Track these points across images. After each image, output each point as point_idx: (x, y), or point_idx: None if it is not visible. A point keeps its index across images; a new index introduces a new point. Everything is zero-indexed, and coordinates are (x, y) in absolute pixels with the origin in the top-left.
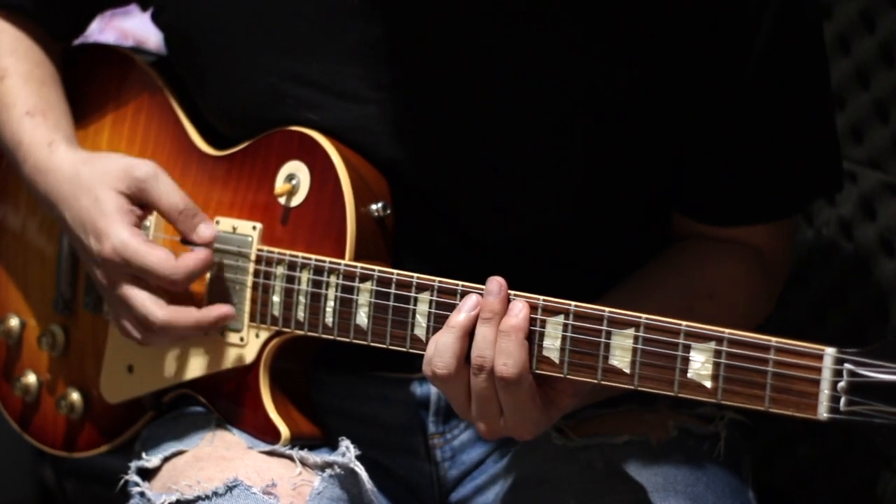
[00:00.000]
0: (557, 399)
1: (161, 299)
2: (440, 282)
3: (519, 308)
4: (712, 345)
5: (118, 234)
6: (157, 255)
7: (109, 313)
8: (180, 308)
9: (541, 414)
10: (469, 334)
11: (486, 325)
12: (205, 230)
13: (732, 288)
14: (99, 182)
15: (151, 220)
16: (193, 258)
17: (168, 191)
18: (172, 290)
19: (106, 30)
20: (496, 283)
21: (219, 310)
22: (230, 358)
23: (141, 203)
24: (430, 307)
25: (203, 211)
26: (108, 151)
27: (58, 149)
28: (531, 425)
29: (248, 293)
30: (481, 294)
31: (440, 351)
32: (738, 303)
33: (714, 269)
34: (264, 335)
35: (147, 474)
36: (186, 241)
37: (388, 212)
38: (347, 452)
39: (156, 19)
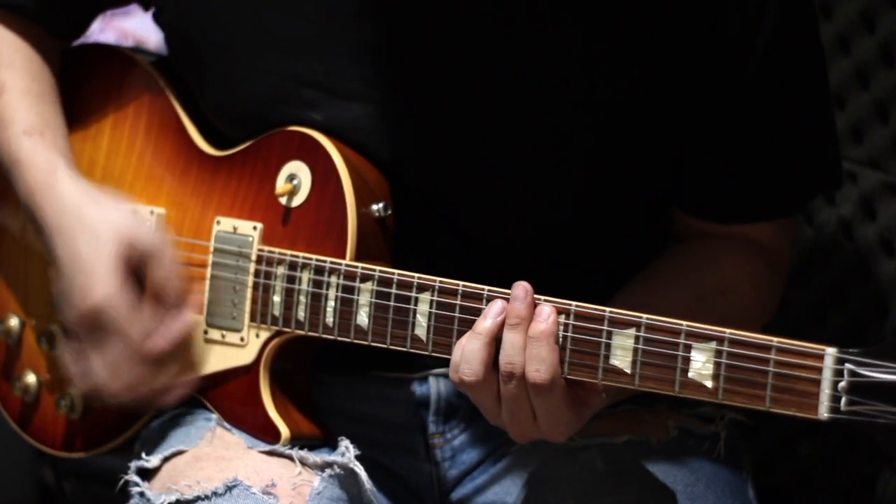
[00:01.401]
0: (588, 398)
1: (125, 364)
2: (441, 282)
3: (547, 313)
4: (713, 345)
5: (108, 292)
6: (131, 330)
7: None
8: (138, 381)
9: (573, 415)
10: (495, 340)
11: (514, 331)
12: (177, 326)
13: (742, 283)
14: (103, 230)
15: (161, 212)
16: (165, 341)
17: (168, 273)
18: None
19: (106, 30)
20: (522, 288)
21: (173, 395)
22: (230, 358)
23: (136, 269)
24: (430, 307)
25: (204, 210)
26: (109, 153)
27: (60, 177)
28: (564, 427)
29: (249, 293)
30: (505, 299)
31: (467, 358)
32: (749, 298)
33: (723, 265)
34: (264, 335)
35: (147, 474)
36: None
37: (389, 212)
38: (347, 452)
39: (157, 19)
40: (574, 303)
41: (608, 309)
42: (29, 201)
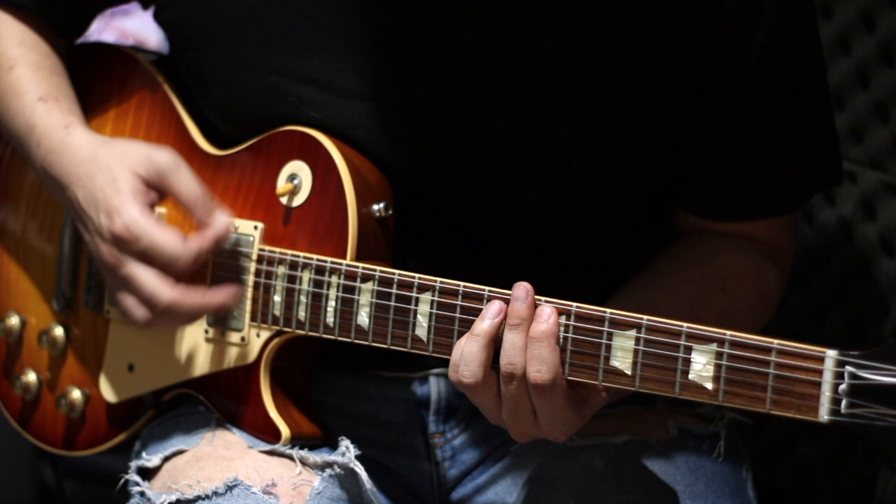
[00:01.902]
0: (589, 398)
1: (168, 278)
2: (442, 282)
3: (548, 313)
4: (714, 346)
5: (131, 211)
6: (167, 235)
7: (111, 295)
8: (187, 288)
9: (574, 414)
10: (494, 341)
11: (515, 332)
12: (220, 218)
13: (745, 281)
14: (118, 163)
15: (162, 211)
16: (200, 240)
17: (187, 179)
18: (177, 272)
19: (106, 30)
20: (523, 288)
21: (224, 293)
22: (231, 357)
23: (157, 189)
24: (431, 307)
25: None
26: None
27: (75, 130)
28: (565, 426)
29: (250, 293)
30: (503, 300)
31: (466, 359)
32: (751, 296)
33: (725, 263)
34: (265, 335)
35: (147, 474)
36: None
37: (390, 212)
38: (347, 452)
39: (157, 18)
40: (575, 304)
41: (609, 310)
42: (45, 162)
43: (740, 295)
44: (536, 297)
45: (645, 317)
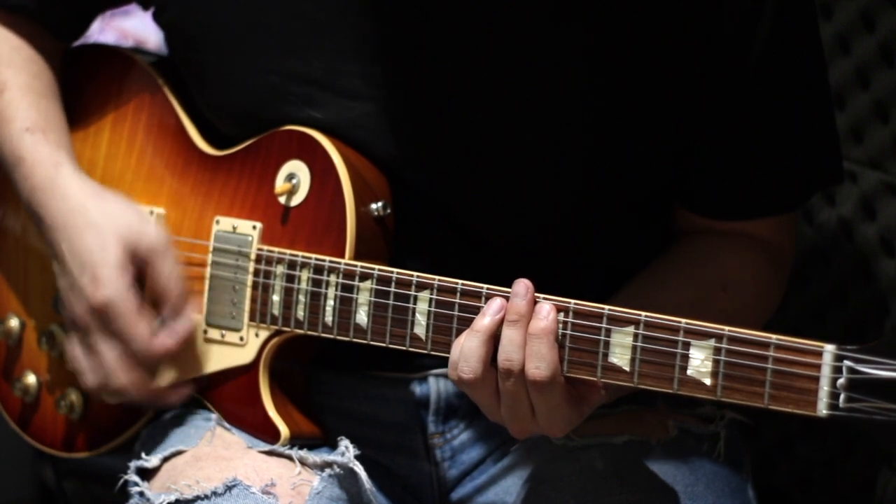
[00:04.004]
0: (588, 395)
1: (129, 361)
2: (440, 280)
3: (547, 310)
4: (712, 342)
5: (117, 288)
6: (140, 327)
7: (69, 346)
8: (141, 377)
9: (572, 411)
10: (494, 338)
11: (513, 328)
12: (182, 324)
13: (745, 279)
14: (108, 227)
15: (160, 212)
16: (165, 346)
17: (171, 268)
18: (138, 360)
19: (106, 30)
20: (523, 285)
21: (177, 395)
22: (230, 357)
23: (140, 268)
24: (429, 306)
25: (203, 210)
26: (109, 153)
27: (64, 171)
28: (564, 423)
29: (248, 292)
30: (504, 297)
31: (466, 356)
32: (751, 294)
33: (725, 262)
34: (264, 334)
35: (146, 474)
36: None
37: (388, 211)
38: (347, 452)
39: (157, 18)
40: (573, 301)
41: (607, 307)
42: (31, 199)
43: (740, 294)
44: (536, 294)
45: (643, 313)
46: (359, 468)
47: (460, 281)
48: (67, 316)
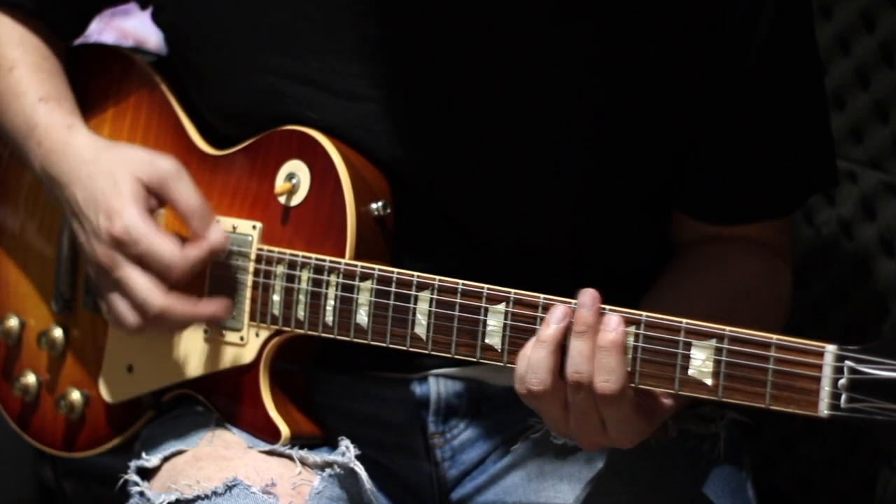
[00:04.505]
0: (656, 405)
1: (161, 285)
2: (441, 280)
3: (615, 322)
4: (713, 342)
5: (131, 214)
6: (165, 242)
7: (100, 299)
8: (179, 297)
9: (643, 422)
10: (561, 347)
11: (581, 339)
12: (216, 233)
13: (763, 284)
14: (120, 166)
15: (161, 211)
16: (197, 250)
17: (187, 190)
18: (172, 280)
19: (106, 30)
20: (589, 295)
21: (217, 304)
22: (230, 357)
23: (157, 195)
24: (430, 306)
25: None
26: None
27: (77, 132)
28: (635, 434)
29: (248, 292)
30: (565, 304)
31: (534, 367)
32: (771, 298)
33: (742, 268)
34: (264, 334)
35: (147, 474)
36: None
37: (389, 211)
38: (347, 452)
39: (155, 18)
40: (644, 313)
41: (608, 307)
42: (46, 162)
43: (761, 298)
44: (602, 305)
45: (644, 313)
46: (359, 468)
47: (461, 281)
48: (93, 269)
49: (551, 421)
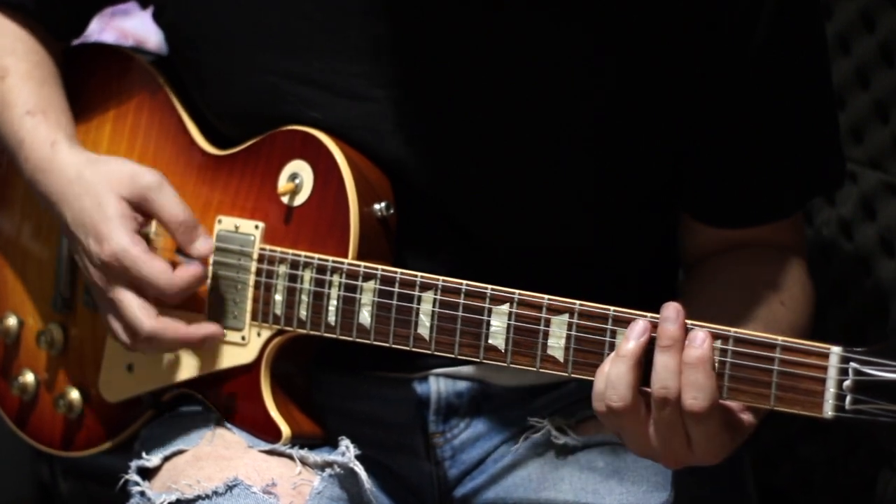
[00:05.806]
0: (739, 421)
1: (152, 309)
2: (444, 281)
3: (702, 338)
4: (718, 343)
5: (119, 239)
6: (155, 266)
7: (102, 315)
8: (168, 321)
9: (729, 438)
10: (641, 363)
11: (667, 354)
12: (202, 245)
13: (794, 288)
14: (102, 185)
15: (153, 226)
16: (189, 274)
17: (170, 202)
18: (167, 302)
19: (106, 30)
20: (673, 308)
21: (206, 329)
22: (231, 357)
23: (142, 211)
24: (433, 306)
25: (205, 210)
26: (109, 152)
27: (60, 148)
28: (720, 450)
29: (251, 292)
30: (644, 318)
31: (613, 383)
32: (801, 303)
33: (772, 274)
34: (266, 334)
35: (147, 473)
36: (182, 254)
37: (392, 211)
38: (347, 452)
39: (156, 18)
40: (578, 301)
41: (612, 308)
42: (33, 179)
43: (795, 304)
44: (687, 321)
45: (648, 314)
46: (359, 468)
47: (464, 281)
48: (90, 283)
49: (632, 439)
